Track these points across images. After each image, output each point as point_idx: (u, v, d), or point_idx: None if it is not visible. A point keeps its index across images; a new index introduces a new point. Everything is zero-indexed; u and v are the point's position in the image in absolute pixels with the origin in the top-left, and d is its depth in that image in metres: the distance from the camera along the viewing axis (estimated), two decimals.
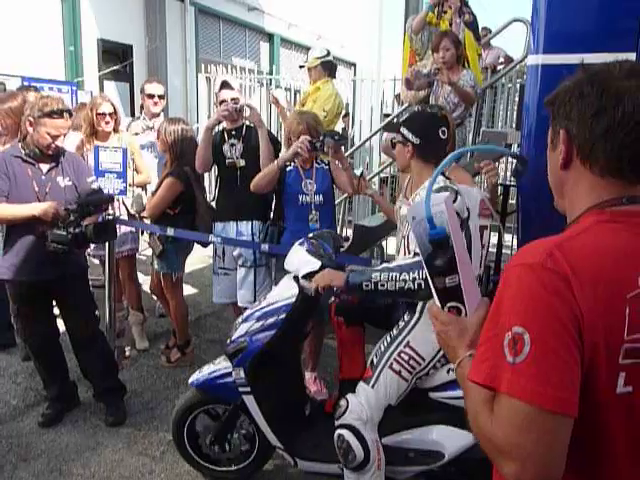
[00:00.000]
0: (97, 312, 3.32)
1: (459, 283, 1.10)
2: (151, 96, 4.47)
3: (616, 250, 0.91)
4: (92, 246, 3.77)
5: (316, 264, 2.19)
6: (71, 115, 3.04)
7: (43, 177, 2.98)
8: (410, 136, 2.24)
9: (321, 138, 3.09)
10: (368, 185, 3.08)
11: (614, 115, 0.91)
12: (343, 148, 3.34)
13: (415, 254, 2.00)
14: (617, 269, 0.89)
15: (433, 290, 1.13)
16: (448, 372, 2.21)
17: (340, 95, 4.66)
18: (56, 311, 3.27)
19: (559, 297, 0.86)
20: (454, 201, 2.04)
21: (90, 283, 3.40)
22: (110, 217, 3.39)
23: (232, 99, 3.54)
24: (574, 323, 0.86)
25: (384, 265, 2.06)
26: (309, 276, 2.18)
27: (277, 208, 3.43)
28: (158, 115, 4.54)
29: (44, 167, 2.99)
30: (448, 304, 1.12)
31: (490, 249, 2.46)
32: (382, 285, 1.97)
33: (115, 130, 3.95)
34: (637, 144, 0.92)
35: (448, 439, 2.24)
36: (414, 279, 1.93)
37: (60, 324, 3.26)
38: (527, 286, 0.89)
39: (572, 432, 0.87)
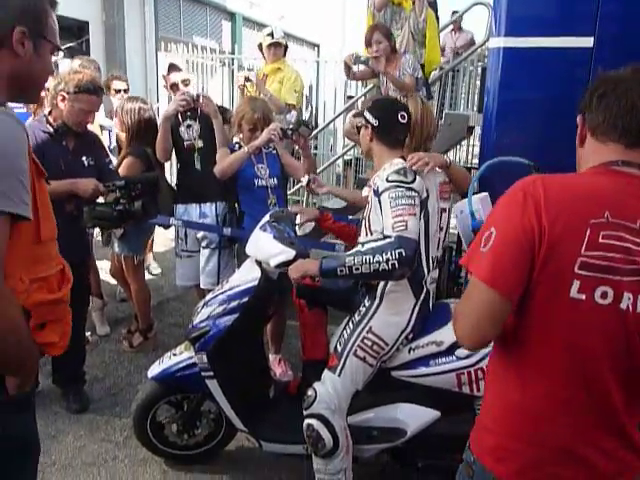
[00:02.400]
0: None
1: None
2: None
3: (594, 189, 1.15)
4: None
5: (290, 254, 2.16)
6: (103, 92, 2.95)
7: (70, 155, 2.87)
8: (370, 118, 2.26)
9: (295, 127, 3.06)
10: (320, 184, 3.01)
11: (612, 96, 1.19)
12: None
13: (385, 237, 2.00)
14: (588, 202, 1.13)
15: None
16: (409, 352, 2.24)
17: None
18: None
19: (527, 211, 1.12)
20: (413, 181, 2.08)
21: None
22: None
23: (182, 81, 3.49)
24: (533, 231, 1.11)
25: (356, 249, 2.05)
26: (283, 265, 2.17)
27: (233, 193, 3.39)
28: None
29: (70, 145, 2.89)
30: None
31: (452, 230, 2.49)
32: (357, 269, 1.97)
33: None
34: (627, 116, 1.18)
35: (410, 416, 2.29)
36: (387, 260, 1.93)
37: None
38: (508, 201, 1.18)
39: (524, 324, 1.17)
